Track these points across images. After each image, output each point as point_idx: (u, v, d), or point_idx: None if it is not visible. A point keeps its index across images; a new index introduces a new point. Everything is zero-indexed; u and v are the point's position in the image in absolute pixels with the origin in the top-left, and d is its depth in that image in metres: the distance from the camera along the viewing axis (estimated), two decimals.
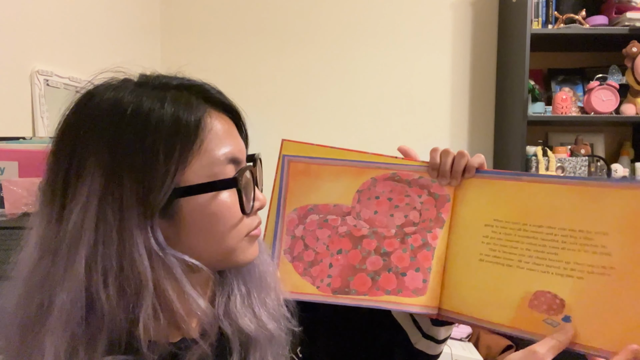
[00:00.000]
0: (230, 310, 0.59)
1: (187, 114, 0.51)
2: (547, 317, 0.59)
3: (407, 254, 0.68)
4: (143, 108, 0.50)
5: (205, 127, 0.53)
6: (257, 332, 0.58)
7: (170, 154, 0.49)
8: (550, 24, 2.16)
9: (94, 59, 1.88)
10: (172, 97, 0.52)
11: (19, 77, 1.51)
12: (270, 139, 2.47)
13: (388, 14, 2.46)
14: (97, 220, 0.48)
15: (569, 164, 2.10)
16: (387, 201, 0.70)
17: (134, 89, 0.52)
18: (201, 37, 2.51)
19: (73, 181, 0.49)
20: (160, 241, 0.50)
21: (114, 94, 0.52)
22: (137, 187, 0.48)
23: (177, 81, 0.55)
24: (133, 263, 0.48)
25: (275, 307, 0.62)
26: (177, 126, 0.50)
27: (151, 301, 0.48)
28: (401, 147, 0.73)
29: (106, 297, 0.47)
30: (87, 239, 0.47)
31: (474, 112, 2.47)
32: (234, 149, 0.55)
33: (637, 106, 2.09)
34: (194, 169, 0.51)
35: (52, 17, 1.67)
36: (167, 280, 0.50)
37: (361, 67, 2.48)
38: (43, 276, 0.49)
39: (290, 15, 2.49)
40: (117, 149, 0.49)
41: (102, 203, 0.48)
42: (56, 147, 0.52)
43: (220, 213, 0.53)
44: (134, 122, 0.49)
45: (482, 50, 2.45)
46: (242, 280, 0.61)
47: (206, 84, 0.57)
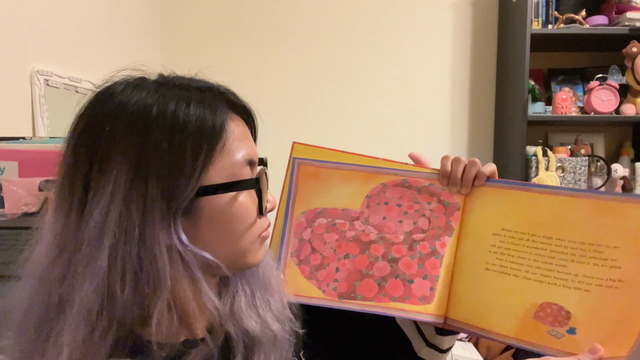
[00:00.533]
0: (235, 310, 0.59)
1: (212, 116, 0.53)
2: (552, 328, 0.59)
3: (415, 261, 0.68)
4: (169, 108, 0.51)
5: (228, 128, 0.54)
6: (262, 334, 0.58)
7: (197, 154, 0.50)
8: (550, 24, 2.16)
9: (94, 59, 1.88)
10: (196, 99, 0.53)
11: (19, 77, 1.51)
12: (269, 138, 2.48)
13: (388, 14, 2.46)
14: (120, 216, 0.48)
15: (569, 164, 2.10)
16: (396, 207, 0.70)
17: (156, 89, 0.53)
18: (201, 37, 2.51)
19: (95, 177, 0.49)
20: (182, 238, 0.50)
21: (136, 93, 0.52)
22: (163, 185, 0.49)
23: (196, 83, 0.56)
24: (153, 259, 0.48)
25: (279, 308, 0.62)
26: (204, 127, 0.51)
27: (167, 297, 0.49)
28: (412, 154, 0.73)
29: (122, 292, 0.48)
30: (111, 233, 0.48)
31: (474, 112, 2.47)
32: (251, 151, 0.57)
33: (637, 106, 2.09)
34: (216, 169, 0.52)
35: (52, 17, 1.67)
36: (184, 277, 0.50)
37: (361, 67, 2.48)
38: (63, 271, 0.49)
39: (290, 15, 2.49)
40: (144, 149, 0.49)
41: (127, 199, 0.48)
42: (76, 143, 0.51)
43: (239, 213, 0.54)
44: (162, 122, 0.50)
45: (482, 50, 2.45)
46: (245, 281, 0.61)
47: (222, 86, 0.58)
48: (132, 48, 2.26)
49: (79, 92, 1.70)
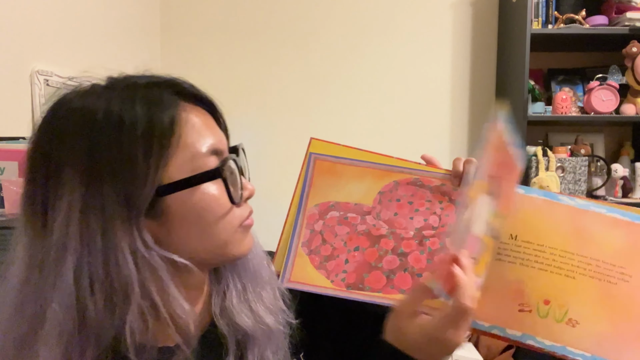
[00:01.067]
0: (227, 307, 0.58)
1: (159, 111, 0.51)
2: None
3: (425, 256, 0.68)
4: (114, 111, 0.49)
5: (181, 121, 0.52)
6: (255, 328, 0.58)
7: (148, 154, 0.49)
8: (550, 24, 2.16)
9: (94, 60, 1.87)
10: (142, 96, 0.51)
11: (19, 77, 1.51)
12: (268, 137, 2.48)
13: (388, 14, 2.46)
14: (81, 229, 0.47)
15: (569, 164, 2.10)
16: (408, 204, 0.71)
17: (102, 93, 0.52)
18: (201, 37, 2.51)
19: (52, 193, 0.49)
20: (147, 241, 0.49)
21: (82, 100, 0.51)
22: (118, 190, 0.48)
23: (145, 79, 0.54)
24: (119, 267, 0.48)
25: (272, 300, 0.62)
26: (152, 124, 0.50)
27: (137, 304, 0.48)
28: (425, 156, 0.74)
29: (94, 305, 0.47)
30: (73, 248, 0.47)
31: (474, 112, 2.47)
32: (214, 141, 0.55)
33: (637, 106, 2.09)
34: (176, 165, 0.51)
35: (52, 17, 1.67)
36: (152, 282, 0.49)
37: (361, 68, 2.48)
38: (33, 289, 0.48)
39: (290, 16, 2.49)
40: (93, 155, 0.48)
41: (85, 211, 0.48)
42: (31, 162, 0.51)
43: (208, 205, 0.53)
44: (107, 127, 0.49)
45: (482, 50, 2.45)
46: (237, 275, 0.61)
47: (176, 78, 0.56)
48: (132, 48, 2.26)
49: (46, 103, 1.69)
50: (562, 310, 0.58)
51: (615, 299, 0.57)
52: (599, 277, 0.59)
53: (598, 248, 0.60)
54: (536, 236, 0.62)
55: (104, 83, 0.54)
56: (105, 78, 0.55)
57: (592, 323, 0.57)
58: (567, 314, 0.58)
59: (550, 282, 0.59)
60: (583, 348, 0.56)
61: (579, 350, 0.56)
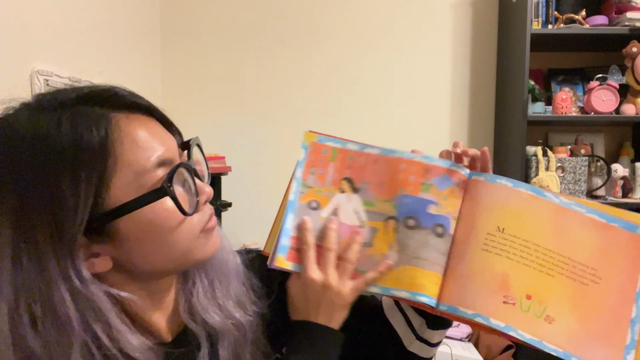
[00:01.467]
0: (193, 305, 0.58)
1: (87, 132, 0.47)
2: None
3: None
4: (38, 136, 0.46)
5: (116, 139, 0.48)
6: (223, 323, 0.58)
7: (75, 183, 0.46)
8: (550, 24, 2.16)
9: (94, 60, 1.87)
10: (69, 116, 0.47)
11: (19, 77, 1.51)
12: (267, 138, 2.48)
13: (388, 15, 2.46)
14: (14, 270, 0.45)
15: (569, 164, 2.10)
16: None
17: (31, 115, 0.48)
18: (201, 38, 2.51)
19: None
20: (83, 276, 0.47)
21: (7, 125, 0.48)
22: (48, 226, 0.45)
23: (76, 93, 0.50)
24: (54, 305, 0.45)
25: (240, 293, 0.61)
26: (79, 150, 0.46)
27: (80, 343, 0.46)
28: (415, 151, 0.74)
29: (41, 341, 0.45)
30: (6, 293, 0.45)
31: (474, 112, 2.47)
32: (160, 152, 0.51)
33: (637, 106, 2.09)
34: (119, 187, 0.48)
35: (52, 17, 1.67)
36: (94, 319, 0.47)
37: (361, 68, 2.48)
38: None
39: (290, 17, 2.49)
40: (19, 192, 0.45)
41: (16, 251, 0.45)
42: None
43: (162, 221, 0.50)
44: (32, 156, 0.45)
45: (482, 50, 2.45)
46: (203, 272, 0.60)
47: (113, 87, 0.52)
48: (132, 48, 2.26)
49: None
50: (541, 306, 0.60)
51: (586, 299, 0.60)
52: (574, 278, 0.61)
53: (575, 248, 0.62)
54: (522, 231, 0.63)
55: (33, 101, 0.50)
56: (34, 96, 0.51)
57: (565, 321, 0.59)
58: (545, 310, 0.60)
59: (533, 278, 0.61)
60: (556, 344, 0.58)
61: (553, 345, 0.58)
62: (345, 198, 0.66)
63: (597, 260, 0.61)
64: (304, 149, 0.69)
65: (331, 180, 0.67)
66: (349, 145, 0.69)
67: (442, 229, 0.64)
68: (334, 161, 0.68)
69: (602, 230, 0.62)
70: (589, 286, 0.60)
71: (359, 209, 0.66)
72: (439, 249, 0.63)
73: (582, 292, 0.60)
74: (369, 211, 0.66)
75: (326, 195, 0.66)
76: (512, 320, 0.60)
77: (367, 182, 0.67)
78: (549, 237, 0.63)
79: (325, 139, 0.70)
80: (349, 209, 0.66)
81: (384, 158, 0.67)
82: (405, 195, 0.65)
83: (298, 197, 0.66)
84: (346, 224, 0.65)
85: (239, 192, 2.36)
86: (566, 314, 0.60)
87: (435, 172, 0.66)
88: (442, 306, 0.63)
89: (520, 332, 0.60)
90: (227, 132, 2.46)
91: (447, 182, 0.66)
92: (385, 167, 0.67)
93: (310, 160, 0.69)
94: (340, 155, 0.69)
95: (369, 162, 0.68)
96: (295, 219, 0.65)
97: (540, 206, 0.64)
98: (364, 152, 0.69)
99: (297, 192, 0.67)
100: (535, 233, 0.63)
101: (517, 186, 0.66)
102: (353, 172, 0.68)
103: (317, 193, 0.67)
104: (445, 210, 0.65)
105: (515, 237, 0.63)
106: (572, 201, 0.64)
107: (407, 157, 0.67)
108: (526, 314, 0.60)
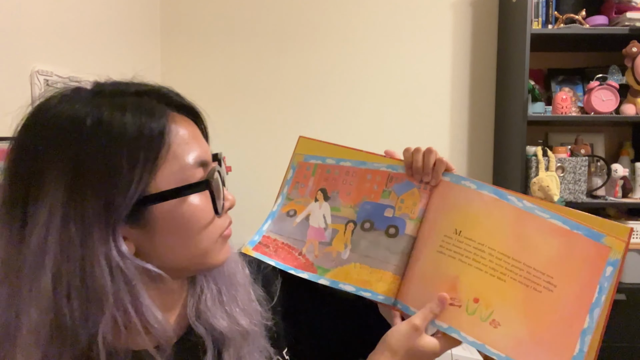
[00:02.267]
0: (201, 310, 0.59)
1: (150, 121, 0.50)
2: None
3: None
4: (103, 118, 0.49)
5: (170, 132, 0.52)
6: (230, 329, 0.59)
7: (133, 163, 0.49)
8: (550, 24, 2.16)
9: (94, 60, 1.88)
10: (132, 105, 0.51)
11: (19, 77, 1.51)
12: (268, 138, 2.48)
13: (388, 14, 2.46)
14: (61, 236, 0.47)
15: (569, 164, 2.10)
16: None
17: (91, 99, 0.51)
18: (201, 37, 2.51)
19: (33, 198, 0.48)
20: (122, 251, 0.49)
21: (69, 106, 0.50)
22: (100, 199, 0.48)
23: (134, 87, 0.54)
24: (94, 276, 0.48)
25: (246, 302, 0.63)
26: (141, 134, 0.50)
27: (111, 313, 0.48)
28: (387, 151, 0.75)
29: (70, 312, 0.47)
30: (52, 255, 0.47)
31: (474, 112, 2.47)
32: (201, 152, 0.55)
33: (637, 106, 2.09)
34: (164, 176, 0.51)
35: (52, 17, 1.67)
36: (126, 291, 0.49)
37: (361, 68, 2.48)
38: (9, 296, 0.48)
39: (290, 16, 2.49)
40: (78, 163, 0.48)
41: (65, 218, 0.47)
42: (12, 165, 0.50)
43: (193, 216, 0.53)
44: (95, 135, 0.48)
45: (482, 50, 2.45)
46: (211, 279, 0.62)
47: (164, 87, 0.56)
48: (132, 48, 2.26)
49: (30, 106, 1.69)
50: (488, 310, 0.60)
51: (537, 306, 0.59)
52: (527, 284, 0.60)
53: (532, 254, 0.61)
54: (478, 234, 0.63)
55: (90, 87, 0.54)
56: (92, 82, 0.54)
57: (512, 326, 0.59)
58: (492, 315, 0.60)
59: (483, 282, 0.61)
60: (500, 348, 0.58)
61: (496, 350, 0.58)
62: (317, 206, 0.76)
63: (554, 267, 0.60)
64: (292, 169, 0.79)
65: (309, 192, 0.77)
66: (328, 160, 0.78)
67: (395, 230, 0.69)
68: (314, 176, 0.78)
69: (563, 237, 0.60)
70: (542, 293, 0.59)
71: (327, 214, 0.75)
72: (389, 248, 0.68)
73: (534, 298, 0.59)
74: (334, 215, 0.74)
75: (303, 205, 0.77)
76: (456, 322, 0.61)
77: (337, 191, 0.75)
78: (506, 242, 0.62)
79: (309, 157, 0.79)
80: (318, 214, 0.75)
81: (355, 169, 0.75)
82: (366, 202, 0.73)
83: (280, 209, 0.78)
84: (314, 227, 0.75)
85: (239, 192, 2.36)
86: (514, 320, 0.59)
87: (397, 179, 0.72)
88: (399, 304, 0.66)
89: (462, 335, 0.60)
90: (227, 132, 2.47)
91: (407, 187, 0.71)
92: (354, 178, 0.75)
93: (295, 178, 0.79)
94: (319, 170, 0.78)
95: (342, 174, 0.76)
96: (272, 224, 0.76)
97: (501, 209, 0.64)
98: (338, 165, 0.77)
99: (280, 205, 0.78)
100: (492, 237, 0.63)
101: (480, 188, 0.66)
102: (328, 183, 0.77)
103: (296, 204, 0.77)
104: (400, 213, 0.70)
105: (471, 240, 0.63)
106: (536, 206, 0.63)
107: (374, 167, 0.74)
108: (471, 316, 0.60)
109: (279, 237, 0.75)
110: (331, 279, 0.69)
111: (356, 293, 0.67)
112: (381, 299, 0.66)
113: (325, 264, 0.71)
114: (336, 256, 0.71)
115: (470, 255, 0.62)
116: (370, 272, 0.68)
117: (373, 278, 0.67)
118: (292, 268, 0.72)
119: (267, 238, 0.75)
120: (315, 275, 0.70)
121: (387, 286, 0.66)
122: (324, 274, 0.70)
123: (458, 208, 0.66)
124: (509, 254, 0.61)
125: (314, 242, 0.74)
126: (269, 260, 0.73)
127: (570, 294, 0.58)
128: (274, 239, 0.75)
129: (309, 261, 0.72)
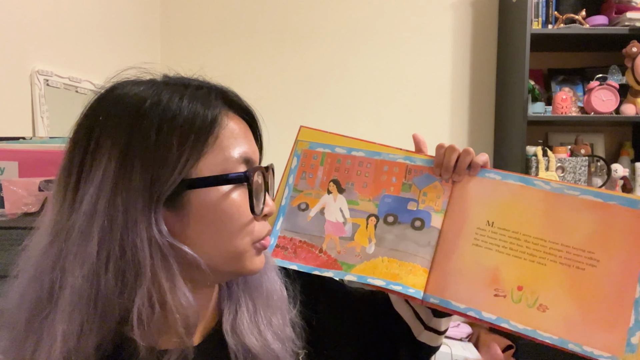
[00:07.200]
0: (237, 326, 0.59)
1: (203, 109, 0.53)
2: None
3: None
4: (162, 101, 0.52)
5: (221, 123, 0.54)
6: (262, 351, 0.58)
7: (182, 145, 0.50)
8: (550, 24, 2.17)
9: (94, 59, 1.88)
10: (191, 93, 0.54)
11: (19, 77, 1.51)
12: (266, 138, 2.47)
13: (388, 14, 2.46)
14: (108, 204, 0.49)
15: (569, 164, 2.10)
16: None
17: (156, 85, 0.54)
18: (201, 37, 2.51)
19: (88, 164, 0.50)
20: (161, 229, 0.50)
21: (136, 88, 0.54)
22: (146, 174, 0.49)
23: (197, 82, 0.57)
24: (135, 249, 0.49)
25: (281, 327, 0.61)
26: (193, 118, 0.52)
27: (147, 288, 0.49)
28: (415, 135, 0.76)
29: (105, 282, 0.48)
30: (100, 222, 0.48)
31: (474, 112, 2.47)
32: (248, 150, 0.56)
33: (637, 106, 2.09)
34: (207, 163, 0.52)
35: (52, 17, 1.67)
36: (162, 269, 0.50)
37: (361, 68, 2.48)
38: (55, 257, 0.49)
39: (290, 15, 2.49)
40: (132, 137, 0.50)
41: (115, 187, 0.49)
42: (74, 134, 0.53)
43: (229, 210, 0.53)
44: (152, 112, 0.51)
45: (482, 50, 2.45)
46: (249, 296, 0.61)
47: (223, 86, 0.59)
48: (132, 48, 2.26)
49: (79, 92, 1.69)
50: (533, 296, 0.61)
51: (583, 284, 0.59)
52: (568, 264, 0.60)
53: (569, 234, 0.61)
54: (512, 223, 0.64)
55: (159, 79, 0.57)
56: (162, 75, 0.58)
57: (560, 308, 0.59)
58: (538, 300, 0.60)
59: (524, 269, 0.62)
60: (551, 331, 0.59)
61: (548, 333, 0.59)
62: (331, 198, 0.73)
63: (593, 242, 0.60)
64: (296, 157, 0.77)
65: (319, 183, 0.74)
66: (337, 149, 0.75)
67: (421, 222, 0.68)
68: (323, 165, 0.75)
69: (599, 210, 0.61)
70: (585, 270, 0.59)
71: (343, 207, 0.72)
72: (417, 241, 0.67)
73: (578, 277, 0.59)
74: (352, 209, 0.72)
75: (315, 197, 0.73)
76: (504, 312, 0.61)
77: (352, 183, 0.73)
78: (540, 226, 0.63)
79: (315, 144, 0.76)
80: (334, 208, 0.73)
81: (369, 160, 0.73)
82: (386, 196, 0.71)
83: (289, 202, 0.74)
84: (331, 221, 0.72)
85: None
86: (561, 301, 0.59)
87: (416, 171, 0.71)
88: (433, 299, 0.65)
89: (512, 323, 0.60)
90: None
91: (428, 181, 0.70)
92: (369, 169, 0.73)
93: (302, 167, 0.76)
94: (328, 159, 0.75)
95: (354, 165, 0.74)
96: (285, 221, 0.73)
97: (529, 195, 0.64)
98: (350, 155, 0.75)
99: (288, 197, 0.74)
100: (525, 223, 0.63)
101: (505, 178, 0.67)
102: (340, 174, 0.74)
103: (306, 196, 0.74)
104: (424, 205, 0.69)
105: (505, 229, 0.64)
106: (564, 185, 0.63)
107: (390, 159, 0.73)
108: (518, 304, 0.61)
109: (295, 235, 0.72)
110: (358, 274, 0.67)
111: (386, 287, 0.65)
112: (411, 292, 0.65)
113: (349, 260, 0.69)
114: (361, 251, 0.69)
115: (507, 244, 0.63)
116: (400, 265, 0.66)
117: (402, 271, 0.66)
118: (315, 268, 0.69)
119: (283, 239, 0.72)
120: (340, 272, 0.68)
121: (417, 279, 0.65)
122: (349, 270, 0.68)
123: (487, 200, 0.66)
124: (545, 237, 0.62)
125: (334, 238, 0.71)
126: (291, 265, 0.70)
127: (615, 266, 0.58)
128: (291, 238, 0.72)
129: (332, 258, 0.70)
